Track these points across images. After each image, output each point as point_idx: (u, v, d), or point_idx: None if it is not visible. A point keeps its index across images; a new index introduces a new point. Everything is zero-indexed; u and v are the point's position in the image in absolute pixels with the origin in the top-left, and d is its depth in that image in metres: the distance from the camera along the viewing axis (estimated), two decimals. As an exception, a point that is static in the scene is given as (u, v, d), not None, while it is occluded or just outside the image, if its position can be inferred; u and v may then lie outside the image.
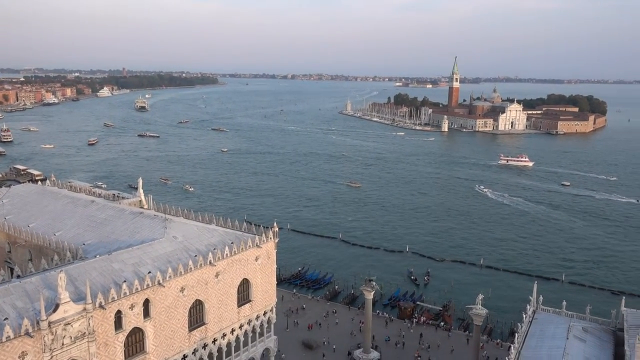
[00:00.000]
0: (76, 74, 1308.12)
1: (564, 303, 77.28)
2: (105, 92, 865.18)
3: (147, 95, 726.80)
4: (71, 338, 52.24)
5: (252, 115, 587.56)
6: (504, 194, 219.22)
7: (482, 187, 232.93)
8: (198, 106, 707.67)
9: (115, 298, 56.81)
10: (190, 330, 67.46)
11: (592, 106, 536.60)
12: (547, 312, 77.66)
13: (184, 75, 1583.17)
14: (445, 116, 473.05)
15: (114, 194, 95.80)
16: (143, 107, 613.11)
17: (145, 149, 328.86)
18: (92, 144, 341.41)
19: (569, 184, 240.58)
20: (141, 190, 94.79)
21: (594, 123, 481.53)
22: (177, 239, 71.02)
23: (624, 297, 77.59)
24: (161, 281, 61.90)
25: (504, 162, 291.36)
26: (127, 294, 58.03)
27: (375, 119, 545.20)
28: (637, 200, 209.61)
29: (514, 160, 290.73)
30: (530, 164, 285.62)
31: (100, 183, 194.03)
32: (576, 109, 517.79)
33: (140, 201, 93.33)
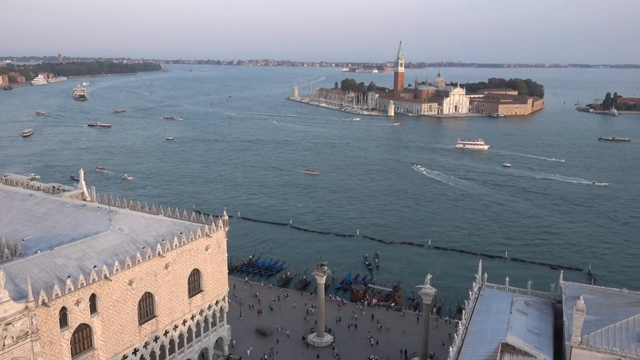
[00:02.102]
0: (7, 61, 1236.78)
1: (507, 279, 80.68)
2: (40, 80, 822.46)
3: (84, 83, 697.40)
4: (13, 338, 50.12)
5: (198, 102, 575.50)
6: (450, 176, 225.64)
7: (422, 168, 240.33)
8: (141, 94, 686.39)
9: (59, 295, 54.83)
10: (140, 324, 66.10)
11: (530, 89, 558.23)
12: (492, 288, 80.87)
13: (124, 61, 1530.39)
14: (392, 101, 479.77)
15: (53, 187, 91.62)
16: (82, 96, 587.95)
17: (86, 140, 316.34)
18: (27, 136, 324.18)
19: (509, 165, 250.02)
20: (83, 182, 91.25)
21: (532, 106, 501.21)
22: (123, 231, 69.07)
23: (562, 271, 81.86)
24: (108, 275, 60.15)
25: (460, 145, 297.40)
26: (72, 289, 56.11)
27: (323, 105, 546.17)
28: (593, 183, 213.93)
29: (471, 144, 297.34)
30: (486, 147, 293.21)
31: (34, 174, 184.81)
32: (515, 92, 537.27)
33: (83, 193, 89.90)
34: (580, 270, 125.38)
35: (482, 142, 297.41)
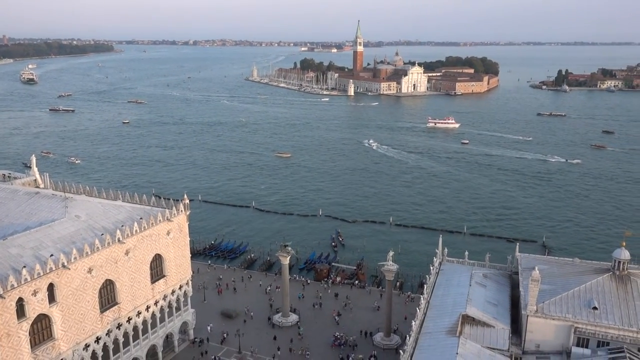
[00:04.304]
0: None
1: (466, 253, 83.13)
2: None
3: (30, 66, 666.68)
4: (-33, 332, 48.39)
5: (154, 84, 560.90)
6: (411, 154, 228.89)
7: (382, 146, 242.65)
8: (94, 76, 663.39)
9: (15, 285, 53.21)
10: (102, 312, 64.98)
11: (486, 67, 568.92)
12: (452, 262, 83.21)
13: (75, 42, 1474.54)
14: (351, 80, 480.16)
15: (3, 174, 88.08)
16: (31, 79, 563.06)
17: (37, 125, 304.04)
18: None
19: (467, 141, 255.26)
20: (36, 169, 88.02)
21: (488, 83, 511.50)
22: (80, 218, 67.26)
23: (518, 244, 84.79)
24: (66, 263, 58.65)
25: (431, 124, 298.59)
26: (28, 279, 54.52)
27: (282, 85, 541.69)
28: (566, 160, 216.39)
29: (442, 123, 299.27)
30: (457, 125, 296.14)
31: None
32: (472, 70, 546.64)
33: (35, 180, 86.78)
34: (535, 242, 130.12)
35: (453, 121, 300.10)
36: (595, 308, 61.08)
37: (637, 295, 62.65)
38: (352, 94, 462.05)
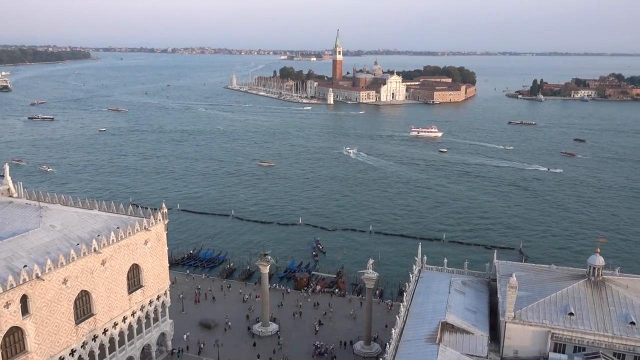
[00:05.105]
0: None
1: (445, 261, 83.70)
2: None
3: (3, 73, 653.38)
4: None
5: (132, 92, 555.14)
6: (390, 162, 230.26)
7: (358, 153, 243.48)
8: (70, 83, 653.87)
9: (-14, 297, 51.73)
10: (77, 323, 63.62)
11: (463, 77, 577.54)
12: (431, 270, 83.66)
13: (50, 49, 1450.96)
14: (331, 89, 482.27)
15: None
16: (5, 87, 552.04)
17: (10, 132, 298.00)
18: None
19: (445, 150, 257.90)
20: (9, 177, 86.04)
21: (466, 92, 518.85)
22: (55, 227, 65.94)
23: (495, 251, 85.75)
24: (40, 274, 57.35)
25: (415, 133, 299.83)
26: (1, 291, 53.11)
27: (262, 93, 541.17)
28: (548, 169, 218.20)
29: (425, 131, 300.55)
30: (440, 134, 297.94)
31: None
32: (449, 80, 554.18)
33: (9, 189, 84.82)
34: (512, 249, 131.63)
35: (436, 130, 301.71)
36: (571, 314, 61.96)
37: (612, 301, 63.77)
38: (332, 102, 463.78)
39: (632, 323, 60.07)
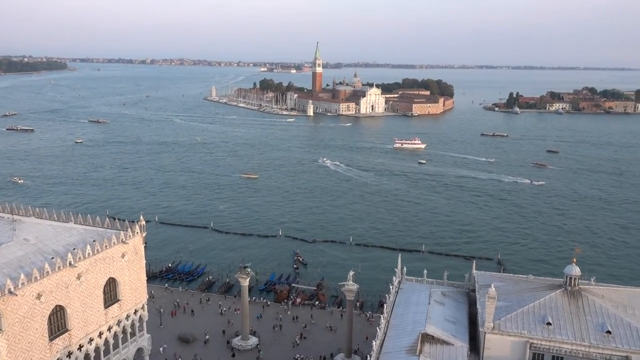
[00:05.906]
0: None
1: (425, 272, 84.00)
2: None
3: None
4: None
5: (110, 103, 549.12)
6: (370, 174, 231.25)
7: (338, 165, 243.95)
8: (46, 94, 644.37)
9: (-44, 314, 50.15)
10: (51, 340, 61.90)
11: (441, 89, 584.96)
12: (411, 281, 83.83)
13: (25, 59, 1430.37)
14: (311, 101, 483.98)
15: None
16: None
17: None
18: None
19: (425, 162, 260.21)
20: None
21: (444, 105, 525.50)
22: (29, 241, 64.43)
23: (474, 261, 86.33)
24: (12, 289, 55.80)
25: (398, 145, 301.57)
26: (-29, 307, 51.51)
27: (241, 105, 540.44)
28: (532, 182, 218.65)
29: (408, 143, 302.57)
30: (423, 146, 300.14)
31: None
32: (428, 92, 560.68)
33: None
34: (491, 260, 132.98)
35: (419, 142, 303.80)
36: (549, 323, 62.60)
37: (589, 310, 64.64)
38: (312, 114, 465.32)
39: (609, 332, 60.91)
